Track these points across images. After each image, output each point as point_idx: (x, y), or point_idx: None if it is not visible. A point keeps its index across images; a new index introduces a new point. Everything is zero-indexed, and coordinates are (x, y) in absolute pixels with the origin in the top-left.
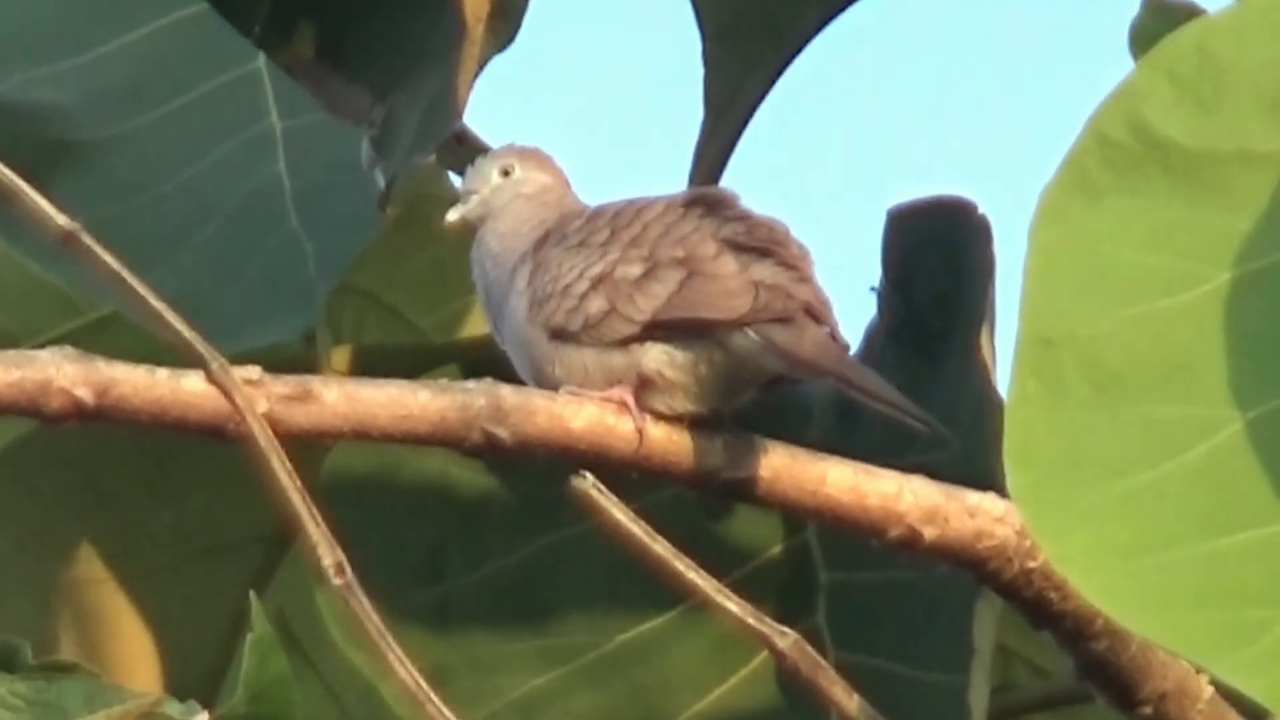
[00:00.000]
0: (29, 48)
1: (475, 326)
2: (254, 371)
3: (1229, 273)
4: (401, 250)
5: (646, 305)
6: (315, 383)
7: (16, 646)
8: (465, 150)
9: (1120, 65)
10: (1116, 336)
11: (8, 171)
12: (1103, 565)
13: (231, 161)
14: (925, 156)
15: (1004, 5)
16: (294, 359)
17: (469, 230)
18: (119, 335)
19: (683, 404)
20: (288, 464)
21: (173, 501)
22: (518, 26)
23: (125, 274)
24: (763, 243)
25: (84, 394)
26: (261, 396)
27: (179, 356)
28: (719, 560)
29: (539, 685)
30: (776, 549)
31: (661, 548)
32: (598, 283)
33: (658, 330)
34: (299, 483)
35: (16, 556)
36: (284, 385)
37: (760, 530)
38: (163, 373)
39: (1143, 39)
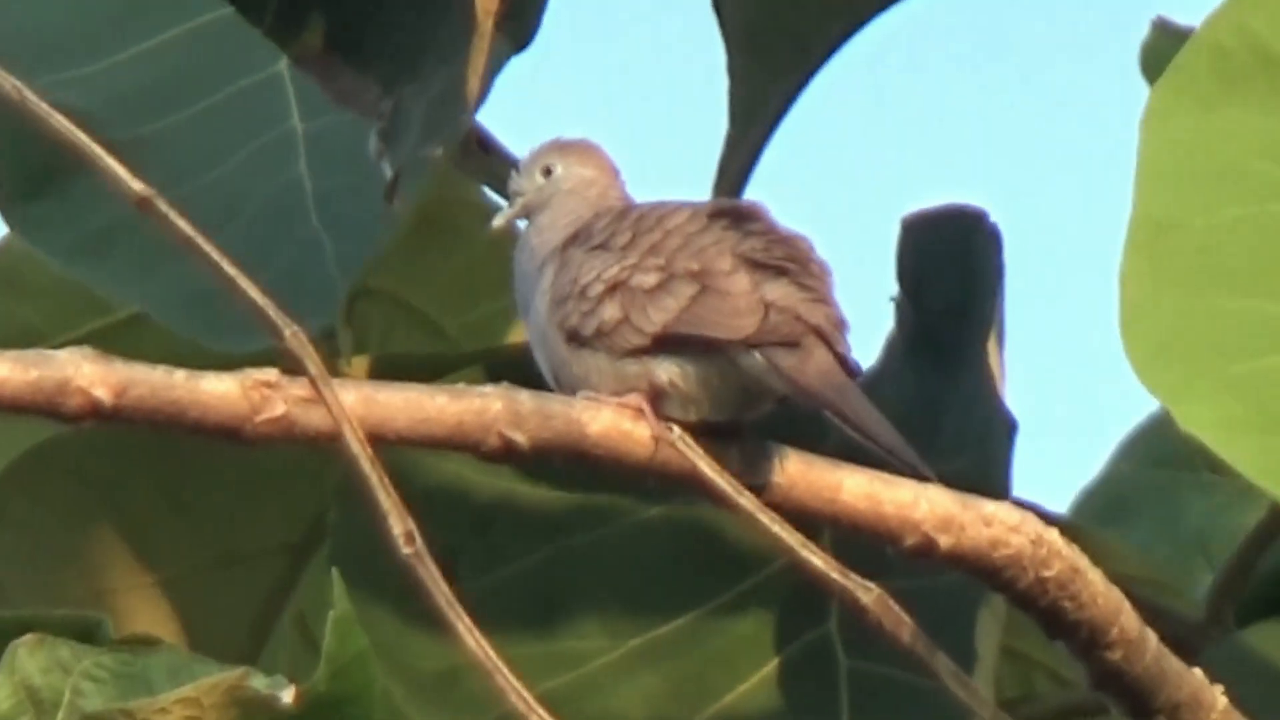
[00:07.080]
0: (52, 53)
1: (505, 331)
2: (271, 373)
3: None
4: (431, 255)
5: (657, 317)
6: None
7: (98, 621)
8: (491, 159)
9: (1126, 78)
10: (1227, 231)
11: (84, 137)
12: (1230, 436)
13: (253, 163)
14: (947, 164)
15: (1023, 19)
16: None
17: (513, 233)
18: (146, 333)
19: (696, 414)
20: (359, 433)
21: (191, 511)
22: (534, 26)
23: (199, 239)
24: (780, 260)
25: (102, 394)
26: (279, 399)
27: (203, 357)
28: (730, 568)
29: (550, 689)
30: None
31: (747, 500)
32: (613, 289)
33: (668, 343)
34: (369, 451)
35: (32, 565)
36: (300, 388)
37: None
38: (180, 374)
39: (1153, 60)
